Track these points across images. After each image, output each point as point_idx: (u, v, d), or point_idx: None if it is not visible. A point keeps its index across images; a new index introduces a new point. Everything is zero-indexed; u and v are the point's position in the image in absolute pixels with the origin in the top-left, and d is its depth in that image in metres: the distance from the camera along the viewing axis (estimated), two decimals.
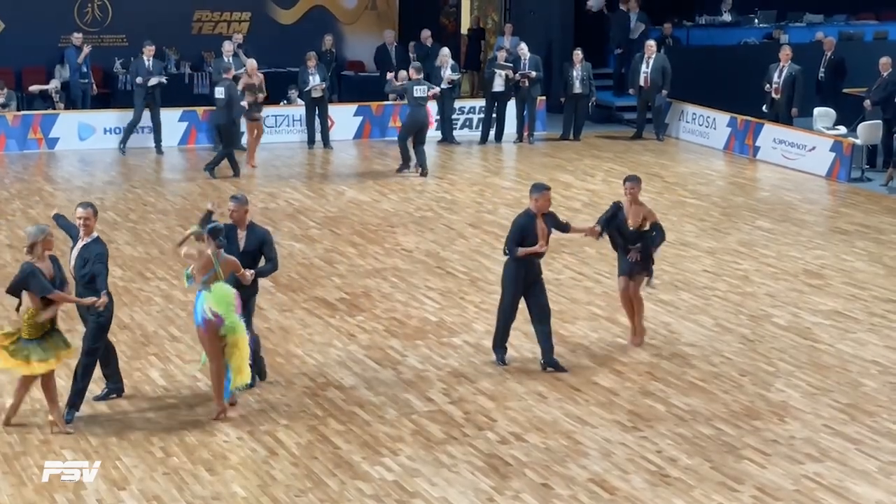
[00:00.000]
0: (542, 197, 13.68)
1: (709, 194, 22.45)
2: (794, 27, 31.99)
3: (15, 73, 27.56)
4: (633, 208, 14.61)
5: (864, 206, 21.62)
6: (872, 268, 17.91)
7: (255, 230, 13.06)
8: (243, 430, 12.13)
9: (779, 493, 10.97)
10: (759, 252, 18.60)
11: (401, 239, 19.12)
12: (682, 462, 11.56)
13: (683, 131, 27.52)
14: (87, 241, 12.33)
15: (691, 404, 12.90)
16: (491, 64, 27.14)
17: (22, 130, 25.40)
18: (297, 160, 25.21)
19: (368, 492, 10.92)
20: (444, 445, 11.87)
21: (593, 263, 17.89)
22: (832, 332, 15.14)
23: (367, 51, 30.00)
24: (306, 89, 25.71)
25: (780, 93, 25.29)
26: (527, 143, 26.90)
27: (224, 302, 12.16)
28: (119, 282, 16.67)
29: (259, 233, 13.06)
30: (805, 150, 24.44)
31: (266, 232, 13.20)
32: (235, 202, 13.07)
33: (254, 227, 13.08)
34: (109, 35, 27.86)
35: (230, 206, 13.08)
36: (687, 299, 16.38)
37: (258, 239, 12.99)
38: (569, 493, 10.94)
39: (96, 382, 12.69)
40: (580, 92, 26.99)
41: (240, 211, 13.02)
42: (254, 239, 12.96)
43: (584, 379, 13.58)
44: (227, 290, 12.22)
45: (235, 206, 13.02)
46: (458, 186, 22.69)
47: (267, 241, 13.05)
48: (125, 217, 20.30)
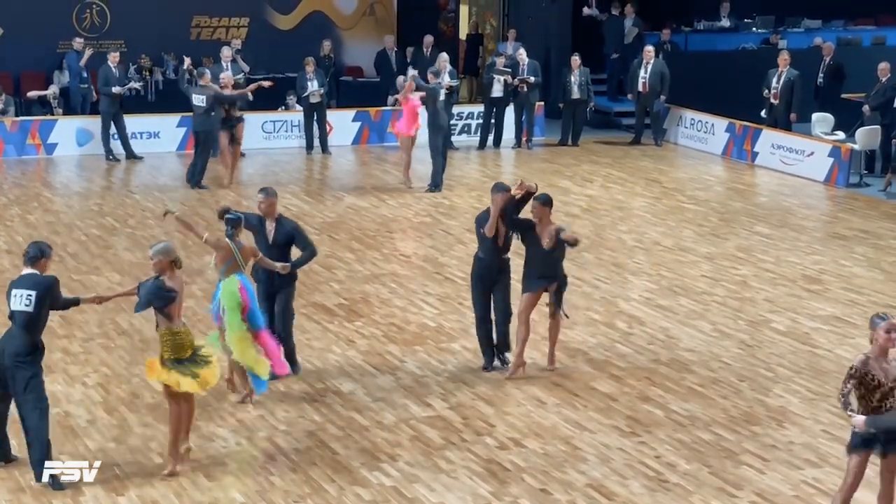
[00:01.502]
0: (499, 197, 13.44)
1: (707, 200, 22.45)
2: (793, 32, 31.98)
3: (13, 79, 27.57)
4: (547, 229, 13.55)
5: (862, 212, 21.62)
6: (871, 273, 17.91)
7: (284, 222, 13.29)
8: (242, 436, 12.13)
9: (778, 498, 10.97)
10: (758, 257, 18.60)
11: (399, 245, 19.13)
12: (680, 467, 11.55)
13: (682, 136, 27.52)
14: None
15: (690, 410, 12.90)
16: (489, 69, 27.15)
17: (20, 136, 25.39)
18: (295, 166, 25.22)
19: (367, 497, 10.92)
20: (442, 451, 11.87)
21: (591, 269, 17.89)
22: (831, 338, 15.13)
23: (365, 56, 30.01)
24: (305, 95, 25.70)
25: (779, 98, 25.28)
26: (525, 149, 26.90)
27: (230, 296, 12.31)
28: (118, 287, 16.64)
29: (288, 225, 13.29)
30: (803, 156, 24.45)
31: (295, 224, 13.44)
32: (264, 195, 13.31)
33: (282, 220, 13.31)
34: (108, 41, 27.82)
35: (259, 199, 13.33)
36: (685, 304, 16.38)
37: (287, 231, 13.22)
38: (567, 498, 10.94)
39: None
40: (578, 97, 26.99)
41: (268, 203, 13.24)
42: (283, 231, 13.21)
43: (582, 384, 13.58)
44: (235, 286, 12.32)
45: (264, 199, 13.26)
46: (456, 192, 22.69)
47: (297, 232, 13.30)
48: (124, 223, 20.29)
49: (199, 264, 17.87)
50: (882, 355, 9.73)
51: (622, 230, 20.13)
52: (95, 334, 14.79)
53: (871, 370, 9.67)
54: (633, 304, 16.40)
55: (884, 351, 9.73)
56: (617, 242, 19.39)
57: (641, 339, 15.04)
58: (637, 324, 15.60)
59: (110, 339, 14.81)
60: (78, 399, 12.96)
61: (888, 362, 9.74)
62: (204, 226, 17.79)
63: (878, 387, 9.66)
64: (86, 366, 13.96)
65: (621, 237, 19.70)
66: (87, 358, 14.18)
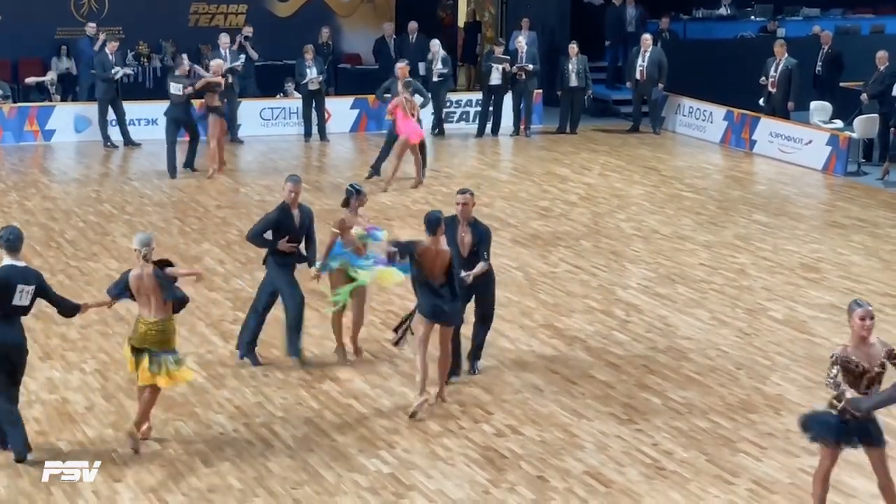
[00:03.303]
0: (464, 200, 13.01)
1: (705, 188, 22.45)
2: (791, 21, 31.95)
3: (11, 65, 27.54)
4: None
5: (860, 200, 21.63)
6: (868, 261, 17.92)
7: (305, 208, 13.68)
8: (239, 423, 12.13)
9: (775, 486, 10.98)
10: (756, 246, 18.61)
11: (397, 232, 19.09)
12: (677, 455, 11.57)
13: (680, 125, 27.52)
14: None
15: (687, 397, 12.91)
16: (488, 57, 27.13)
17: (18, 122, 25.37)
18: (293, 153, 25.20)
19: (364, 484, 10.93)
20: (440, 438, 11.88)
21: (589, 257, 17.89)
22: (828, 326, 15.14)
23: (363, 43, 29.98)
24: (303, 82, 25.68)
25: (777, 87, 25.26)
26: (523, 137, 26.90)
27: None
28: (115, 274, 16.62)
29: (309, 211, 13.76)
30: (802, 144, 24.44)
31: (312, 211, 13.92)
32: (294, 182, 13.56)
33: (302, 206, 13.66)
34: (105, 27, 27.78)
35: (289, 187, 13.51)
36: (683, 293, 16.39)
37: (309, 216, 13.65)
38: (564, 485, 10.95)
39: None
40: (576, 85, 26.97)
41: (298, 190, 13.57)
42: (307, 216, 13.61)
43: (580, 372, 13.59)
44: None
45: (294, 186, 13.53)
46: (454, 180, 22.66)
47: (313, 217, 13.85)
48: (121, 209, 20.28)
49: (197, 251, 17.89)
50: (861, 343, 9.69)
51: (620, 218, 20.13)
52: (93, 321, 14.77)
53: (851, 357, 9.64)
54: (631, 292, 16.40)
55: (861, 338, 9.69)
56: (615, 230, 19.39)
57: (639, 328, 15.05)
58: (635, 312, 15.61)
59: (108, 325, 14.80)
60: (76, 385, 12.97)
61: (870, 346, 9.70)
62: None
63: (863, 373, 9.64)
64: (84, 352, 13.96)
65: (619, 225, 19.70)
66: (85, 345, 14.18)
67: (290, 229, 13.48)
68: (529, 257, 17.88)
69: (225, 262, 17.46)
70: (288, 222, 13.48)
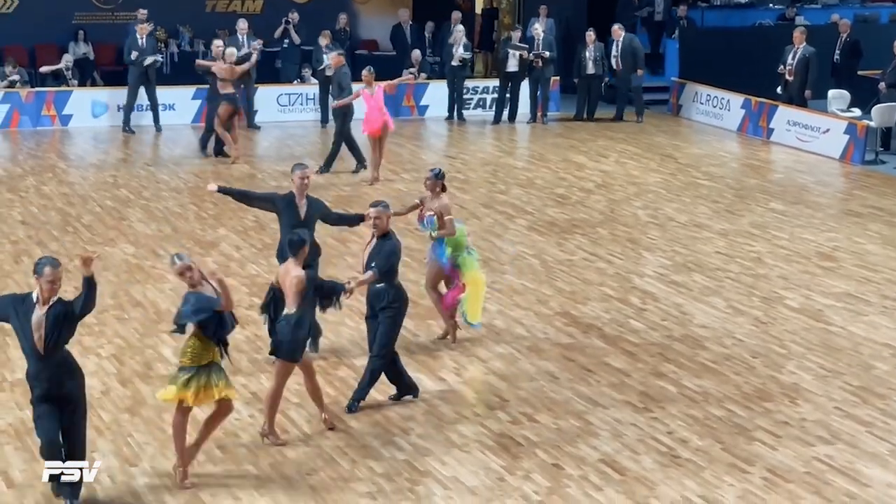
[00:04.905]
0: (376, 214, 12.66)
1: (722, 176, 22.41)
2: (809, 9, 31.91)
3: (28, 51, 27.57)
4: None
5: (877, 189, 21.57)
6: (885, 250, 17.87)
7: (312, 200, 13.47)
8: (255, 409, 12.15)
9: (790, 474, 10.97)
10: (772, 234, 18.57)
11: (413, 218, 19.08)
12: (692, 443, 11.56)
13: (697, 112, 27.48)
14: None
15: (703, 386, 12.90)
16: (505, 44, 27.11)
17: (35, 107, 25.42)
18: (310, 139, 25.22)
19: (379, 471, 10.94)
20: (455, 425, 11.89)
21: (605, 244, 17.88)
22: (844, 315, 15.12)
23: (380, 30, 29.98)
24: (320, 68, 25.67)
25: (794, 75, 25.19)
26: (540, 124, 26.88)
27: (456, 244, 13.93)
28: (132, 259, 16.71)
29: (317, 202, 13.54)
30: (819, 133, 24.39)
31: (322, 202, 13.77)
32: (301, 170, 13.44)
33: (310, 198, 13.47)
34: (123, 12, 27.83)
35: (298, 174, 13.35)
36: (699, 281, 16.37)
37: (317, 208, 13.45)
38: (579, 473, 10.95)
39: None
40: (593, 72, 26.96)
41: (307, 178, 13.45)
42: (313, 208, 13.39)
43: (595, 360, 13.58)
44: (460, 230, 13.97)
45: (302, 174, 13.38)
46: (470, 166, 22.66)
47: (325, 207, 13.69)
48: (138, 195, 20.32)
49: (214, 237, 17.92)
50: None
51: (637, 206, 20.10)
52: (109, 306, 14.81)
53: None
54: (647, 279, 16.39)
55: None
56: (631, 218, 19.37)
57: (655, 315, 15.04)
58: (651, 300, 15.59)
59: (124, 310, 14.84)
60: (92, 370, 12.97)
61: None
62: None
63: None
64: (100, 337, 13.99)
65: (636, 213, 19.68)
66: (101, 329, 14.21)
67: (294, 220, 13.13)
68: (546, 245, 17.87)
69: (241, 247, 17.48)
70: (291, 211, 13.23)
